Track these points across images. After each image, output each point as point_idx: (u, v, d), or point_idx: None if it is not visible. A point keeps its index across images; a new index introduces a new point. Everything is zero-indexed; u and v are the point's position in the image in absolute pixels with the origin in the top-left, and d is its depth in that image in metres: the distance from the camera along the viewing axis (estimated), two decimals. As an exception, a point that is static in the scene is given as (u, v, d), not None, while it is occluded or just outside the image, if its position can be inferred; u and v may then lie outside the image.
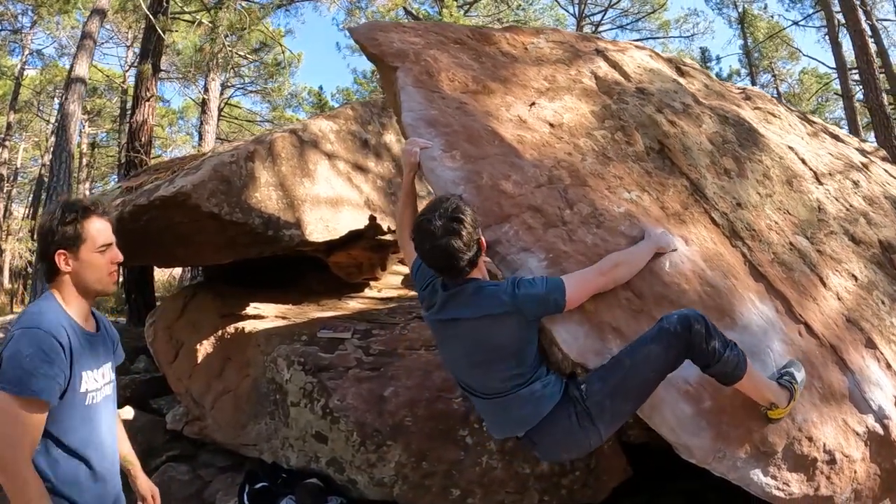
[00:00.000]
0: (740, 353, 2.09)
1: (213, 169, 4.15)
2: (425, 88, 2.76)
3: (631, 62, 3.60)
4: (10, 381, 1.52)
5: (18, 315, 1.67)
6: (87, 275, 1.73)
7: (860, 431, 2.54)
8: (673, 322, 2.00)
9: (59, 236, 1.70)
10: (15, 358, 1.54)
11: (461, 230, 1.97)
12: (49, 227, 1.70)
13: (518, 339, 2.03)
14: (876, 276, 3.37)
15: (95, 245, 1.74)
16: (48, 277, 1.73)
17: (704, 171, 3.01)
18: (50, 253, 1.69)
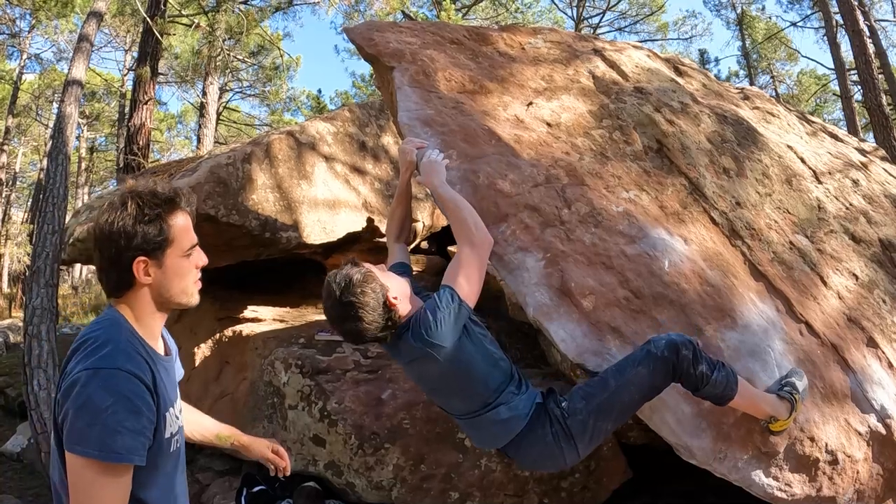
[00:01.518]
0: (729, 374, 2.06)
1: (209, 171, 4.13)
2: (422, 88, 2.74)
3: (629, 62, 3.58)
4: (89, 444, 1.16)
5: (78, 344, 1.30)
6: (171, 285, 1.36)
7: (862, 431, 2.52)
8: (661, 346, 1.98)
9: (139, 239, 1.28)
10: (90, 412, 1.18)
11: (360, 314, 1.88)
12: (122, 227, 1.27)
13: (455, 368, 1.94)
14: (876, 274, 3.35)
15: (183, 248, 1.36)
16: (115, 290, 1.33)
17: (703, 170, 2.99)
18: (125, 261, 1.29)
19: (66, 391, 1.20)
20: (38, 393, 4.26)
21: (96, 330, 1.29)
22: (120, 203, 1.29)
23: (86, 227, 5.33)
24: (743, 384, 2.11)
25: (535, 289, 2.18)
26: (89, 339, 1.27)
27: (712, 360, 2.04)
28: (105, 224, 1.28)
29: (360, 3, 14.17)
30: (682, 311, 2.31)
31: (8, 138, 17.08)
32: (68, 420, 1.18)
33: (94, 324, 1.33)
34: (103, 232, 1.28)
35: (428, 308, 1.91)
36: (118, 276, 1.30)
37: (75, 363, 1.23)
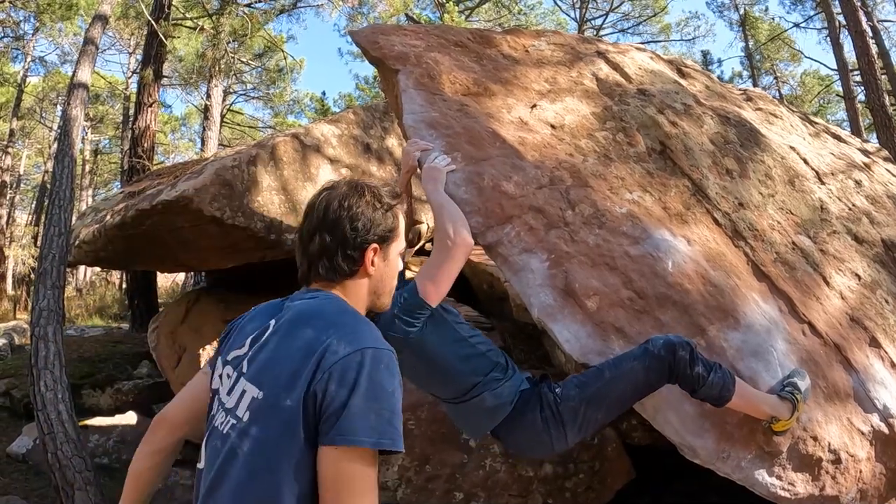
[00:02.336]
0: (726, 375, 2.08)
1: (215, 173, 4.16)
2: (426, 90, 2.76)
3: (632, 64, 3.60)
4: (380, 431, 1.04)
5: (331, 323, 1.13)
6: (387, 281, 1.33)
7: (865, 430, 2.53)
8: (658, 346, 2.00)
9: (378, 225, 1.26)
10: (380, 394, 1.06)
11: None
12: (362, 211, 1.25)
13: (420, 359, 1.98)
14: (879, 274, 3.36)
15: (401, 246, 1.36)
16: (333, 275, 1.25)
17: (706, 171, 3.01)
18: (358, 245, 1.24)
19: (341, 375, 1.05)
20: (44, 394, 4.26)
21: (337, 309, 1.20)
22: (355, 189, 1.27)
23: (92, 228, 5.37)
24: (742, 385, 2.13)
25: (540, 290, 2.20)
26: (344, 317, 1.17)
27: (709, 361, 2.06)
28: (344, 206, 1.24)
29: (364, 6, 14.21)
30: (685, 312, 2.33)
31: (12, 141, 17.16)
32: (346, 407, 1.03)
33: (327, 303, 1.22)
34: (340, 213, 1.24)
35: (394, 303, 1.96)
36: (344, 259, 1.24)
37: (345, 342, 1.08)
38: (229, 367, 1.20)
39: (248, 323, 1.26)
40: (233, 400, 1.13)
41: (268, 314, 1.24)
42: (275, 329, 1.18)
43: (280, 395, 1.07)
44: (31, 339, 4.62)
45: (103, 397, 6.77)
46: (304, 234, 1.28)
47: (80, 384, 6.94)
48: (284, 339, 1.14)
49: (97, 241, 5.24)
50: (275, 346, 1.15)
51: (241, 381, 1.14)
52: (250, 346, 1.19)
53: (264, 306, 1.30)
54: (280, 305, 1.26)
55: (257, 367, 1.14)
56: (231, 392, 1.15)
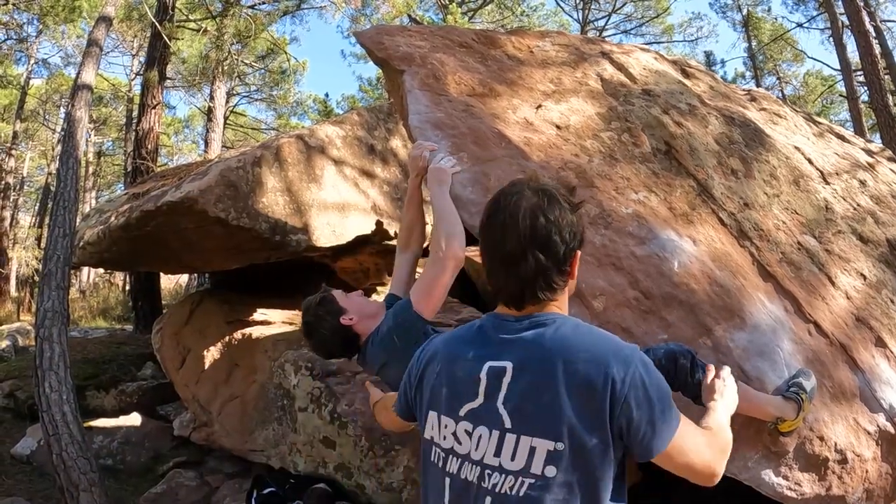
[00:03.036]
0: None
1: (219, 174, 4.17)
2: (432, 91, 2.77)
3: (636, 64, 3.61)
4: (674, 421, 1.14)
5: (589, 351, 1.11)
6: (574, 285, 1.28)
7: (871, 430, 2.53)
8: (659, 355, 2.01)
9: (579, 229, 1.19)
10: (663, 395, 1.12)
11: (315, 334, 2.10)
12: (569, 220, 1.16)
13: None
14: (884, 274, 3.35)
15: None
16: (551, 291, 1.18)
17: (711, 171, 3.01)
18: (568, 257, 1.18)
19: (636, 399, 1.08)
20: (49, 395, 4.27)
21: (564, 329, 1.16)
22: (546, 195, 1.18)
23: (97, 230, 5.38)
24: (744, 388, 2.13)
25: (546, 290, 2.20)
26: (580, 339, 1.15)
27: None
28: (550, 218, 1.14)
29: (367, 7, 14.25)
30: (691, 312, 2.33)
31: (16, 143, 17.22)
32: (647, 421, 1.09)
33: (552, 327, 1.16)
34: (549, 227, 1.14)
35: (384, 320, 2.02)
36: (559, 275, 1.17)
37: (609, 368, 1.09)
38: (466, 423, 1.15)
39: (453, 367, 1.19)
40: (507, 459, 1.10)
41: (479, 355, 1.18)
42: (518, 372, 1.13)
43: (584, 440, 1.07)
44: (35, 340, 4.63)
45: (107, 399, 6.79)
46: (507, 253, 1.16)
47: (84, 385, 6.95)
48: (550, 381, 1.10)
49: (101, 242, 5.26)
50: (542, 392, 1.10)
51: (510, 436, 1.10)
52: (487, 395, 1.14)
53: (457, 342, 1.24)
54: (490, 339, 1.20)
55: (535, 419, 1.09)
56: (499, 451, 1.11)
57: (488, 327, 1.22)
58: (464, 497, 1.14)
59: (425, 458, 1.23)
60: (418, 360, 1.30)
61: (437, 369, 1.21)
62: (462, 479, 1.14)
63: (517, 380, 1.12)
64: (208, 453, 5.37)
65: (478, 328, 1.24)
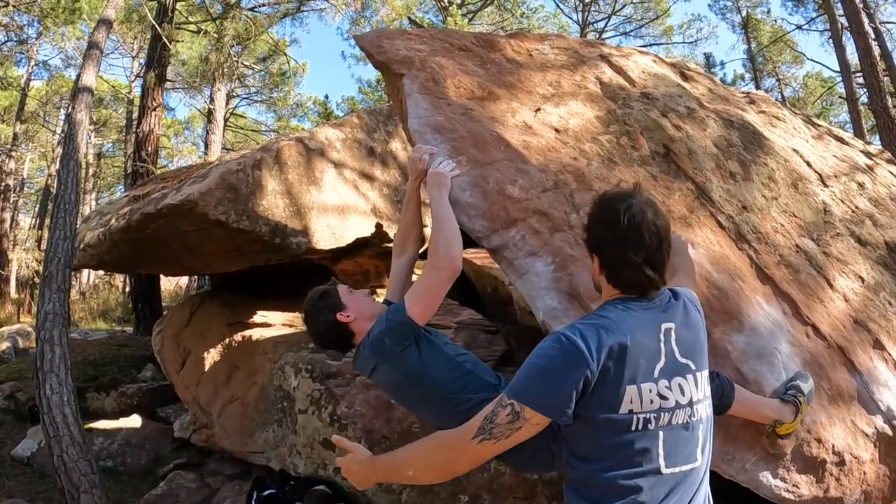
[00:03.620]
0: (724, 382, 2.11)
1: (220, 177, 4.18)
2: (431, 95, 2.78)
3: (635, 67, 3.62)
4: None
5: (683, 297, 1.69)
6: None
7: (869, 432, 2.54)
8: None
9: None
10: None
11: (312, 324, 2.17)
12: (664, 217, 1.59)
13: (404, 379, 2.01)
14: (883, 277, 3.36)
15: None
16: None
17: (710, 174, 3.02)
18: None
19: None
20: (50, 397, 4.28)
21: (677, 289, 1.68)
22: (648, 201, 1.57)
23: (97, 232, 5.39)
24: (741, 392, 2.14)
25: (545, 293, 2.21)
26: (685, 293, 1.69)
27: None
28: (661, 218, 1.54)
29: (367, 10, 14.25)
30: (689, 314, 2.34)
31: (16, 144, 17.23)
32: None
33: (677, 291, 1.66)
34: (664, 224, 1.54)
35: (376, 323, 2.04)
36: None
37: (698, 308, 1.68)
38: (663, 380, 1.45)
39: (641, 338, 1.46)
40: (700, 392, 1.51)
41: (654, 323, 1.51)
42: (679, 328, 1.54)
43: (706, 359, 1.59)
44: (36, 342, 4.64)
45: (108, 400, 6.80)
46: (651, 250, 1.50)
47: (84, 387, 6.95)
48: (696, 329, 1.60)
49: (102, 244, 5.27)
50: (695, 338, 1.57)
51: (698, 374, 1.51)
52: (667, 353, 1.48)
53: (629, 320, 1.49)
54: (650, 311, 1.53)
55: (701, 356, 1.55)
56: (697, 387, 1.50)
57: (642, 305, 1.53)
58: (679, 441, 1.45)
59: (615, 434, 1.42)
60: (593, 350, 1.41)
61: (627, 346, 1.42)
62: (675, 425, 1.44)
63: (679, 333, 1.51)
64: (209, 455, 5.38)
65: (634, 308, 1.52)
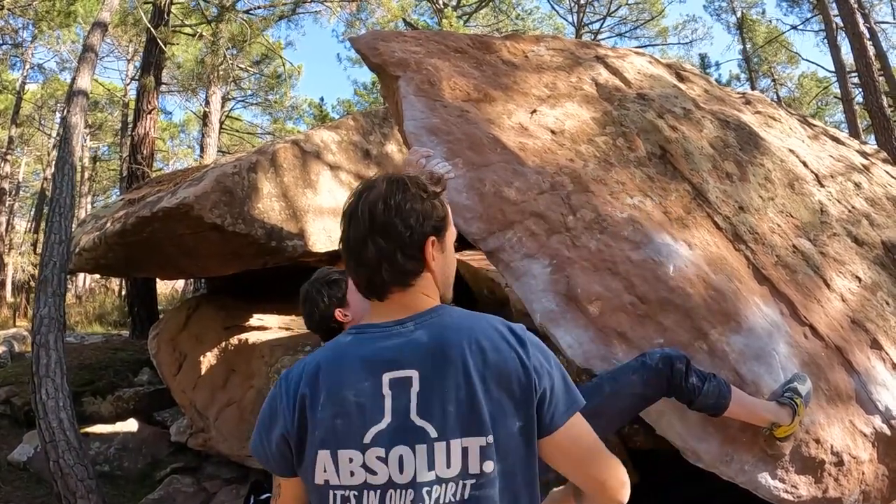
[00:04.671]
0: (721, 383, 2.09)
1: (215, 180, 4.17)
2: (427, 97, 2.77)
3: (631, 68, 3.62)
4: (578, 396, 1.18)
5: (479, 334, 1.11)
6: (449, 272, 1.25)
7: (867, 432, 2.53)
8: (655, 359, 2.01)
9: (432, 216, 1.18)
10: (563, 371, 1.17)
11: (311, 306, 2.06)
12: (412, 206, 1.15)
13: None
14: (879, 276, 3.37)
15: (454, 232, 1.27)
16: (403, 278, 1.16)
17: (706, 175, 3.02)
18: (417, 241, 1.15)
19: (541, 368, 1.10)
20: (46, 402, 4.26)
21: (447, 318, 1.14)
22: (396, 184, 1.16)
23: (92, 236, 5.37)
24: (738, 394, 2.13)
25: (542, 295, 2.20)
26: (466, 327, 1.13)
27: (703, 372, 2.08)
28: (391, 204, 1.13)
29: (362, 12, 14.23)
30: (687, 316, 2.34)
31: (11, 148, 17.16)
32: (558, 390, 1.11)
33: (438, 317, 1.15)
34: (389, 212, 1.13)
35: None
36: (406, 260, 1.14)
37: (509, 345, 1.10)
38: (376, 448, 1.04)
39: (343, 393, 1.08)
40: (442, 465, 1.04)
41: (371, 371, 1.08)
42: (425, 377, 1.07)
43: (509, 424, 1.06)
44: (32, 346, 4.61)
45: (104, 405, 6.77)
46: (352, 243, 1.16)
47: (80, 391, 6.93)
48: (461, 376, 1.06)
49: (98, 248, 5.25)
50: (459, 389, 1.05)
51: (439, 444, 1.04)
52: (396, 411, 1.05)
53: (336, 366, 1.12)
54: (377, 352, 1.11)
55: (459, 419, 1.05)
56: (432, 464, 1.04)
57: (367, 340, 1.13)
58: None
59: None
60: (286, 397, 1.12)
61: (319, 401, 1.08)
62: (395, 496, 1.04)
63: (427, 384, 1.06)
64: (206, 459, 5.36)
65: (351, 344, 1.14)
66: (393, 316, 1.15)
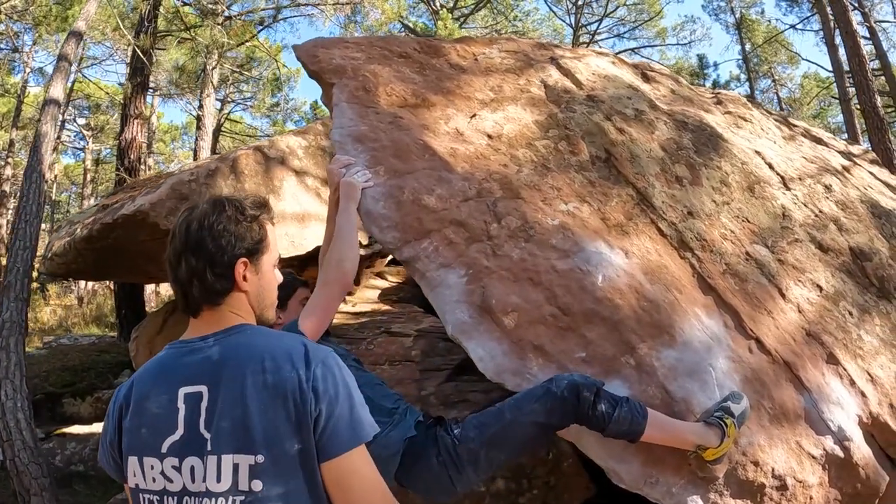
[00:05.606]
0: (634, 408, 1.96)
1: (171, 187, 4.13)
2: (359, 104, 2.69)
3: (585, 69, 3.50)
4: (364, 427, 1.15)
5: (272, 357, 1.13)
6: (266, 295, 1.28)
7: (817, 454, 2.40)
8: (562, 387, 1.89)
9: (243, 239, 1.22)
10: (349, 395, 1.15)
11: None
12: (225, 227, 1.20)
13: None
14: (844, 285, 3.23)
15: (274, 257, 1.31)
16: (210, 296, 1.20)
17: (653, 179, 2.90)
18: (226, 262, 1.20)
19: (322, 391, 1.10)
20: (4, 402, 4.37)
21: (241, 338, 1.18)
22: (214, 206, 1.22)
23: (64, 241, 5.35)
24: (656, 417, 2.00)
25: (456, 306, 2.10)
26: (261, 347, 1.15)
27: (615, 397, 1.95)
28: (205, 224, 1.19)
29: (357, 14, 14.22)
30: (614, 329, 2.22)
31: (12, 151, 17.32)
32: (340, 417, 1.11)
33: (235, 336, 1.18)
34: (202, 233, 1.18)
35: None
36: (215, 279, 1.20)
37: (292, 365, 1.11)
38: (171, 458, 1.09)
39: (146, 403, 1.14)
40: (213, 481, 1.07)
41: (171, 385, 1.13)
42: (213, 392, 1.11)
43: (285, 447, 1.08)
44: (-7, 350, 4.64)
45: (83, 406, 6.82)
46: (171, 259, 1.22)
47: (60, 392, 6.96)
48: (239, 393, 1.09)
49: (68, 253, 5.25)
50: (235, 406, 1.09)
51: (212, 458, 1.07)
52: (188, 424, 1.10)
53: (146, 377, 1.18)
54: (179, 366, 1.16)
55: (232, 436, 1.08)
56: (206, 477, 1.07)
57: (175, 355, 1.19)
58: None
59: None
60: (112, 409, 1.19)
61: (129, 411, 1.15)
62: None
63: (213, 399, 1.10)
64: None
65: (163, 358, 1.20)
66: (202, 332, 1.20)
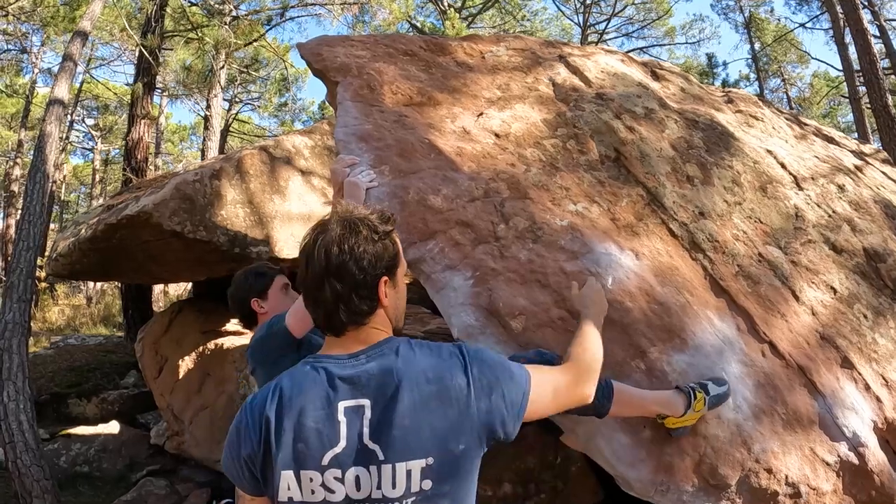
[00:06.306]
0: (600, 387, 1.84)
1: (175, 188, 4.11)
2: (364, 102, 2.64)
3: (594, 67, 3.44)
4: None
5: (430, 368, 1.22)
6: (401, 304, 1.33)
7: (831, 461, 2.34)
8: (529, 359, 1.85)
9: (383, 257, 1.24)
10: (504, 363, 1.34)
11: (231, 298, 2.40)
12: (365, 249, 1.22)
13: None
14: (858, 287, 3.16)
15: (405, 267, 1.35)
16: (358, 318, 1.23)
17: (664, 178, 2.84)
18: (370, 282, 1.23)
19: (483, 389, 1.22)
20: (7, 404, 4.35)
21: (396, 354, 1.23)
22: (349, 227, 1.24)
23: (68, 242, 5.34)
24: (622, 390, 1.93)
25: (462, 309, 2.05)
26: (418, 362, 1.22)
27: None
28: (345, 249, 1.21)
29: (365, 14, 14.19)
30: (623, 332, 2.17)
31: (21, 151, 17.40)
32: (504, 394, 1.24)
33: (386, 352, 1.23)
34: (343, 257, 1.20)
35: (259, 328, 2.12)
36: (361, 301, 1.23)
37: (451, 374, 1.21)
38: (333, 470, 1.15)
39: (304, 419, 1.17)
40: (389, 487, 1.14)
41: (329, 400, 1.18)
42: (375, 405, 1.17)
43: (452, 447, 1.17)
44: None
45: (89, 406, 6.80)
46: (310, 283, 1.23)
47: (66, 393, 6.96)
48: (406, 404, 1.16)
49: (72, 254, 5.24)
50: (403, 417, 1.16)
51: (386, 467, 1.15)
52: (350, 437, 1.16)
53: (298, 394, 1.19)
54: (334, 381, 1.20)
55: (403, 445, 1.15)
56: (380, 484, 1.15)
57: (326, 371, 1.21)
58: None
59: None
60: (249, 422, 1.21)
61: (284, 427, 1.18)
62: None
63: (377, 412, 1.16)
64: (183, 462, 5.35)
65: (308, 374, 1.22)
66: (348, 349, 1.24)
